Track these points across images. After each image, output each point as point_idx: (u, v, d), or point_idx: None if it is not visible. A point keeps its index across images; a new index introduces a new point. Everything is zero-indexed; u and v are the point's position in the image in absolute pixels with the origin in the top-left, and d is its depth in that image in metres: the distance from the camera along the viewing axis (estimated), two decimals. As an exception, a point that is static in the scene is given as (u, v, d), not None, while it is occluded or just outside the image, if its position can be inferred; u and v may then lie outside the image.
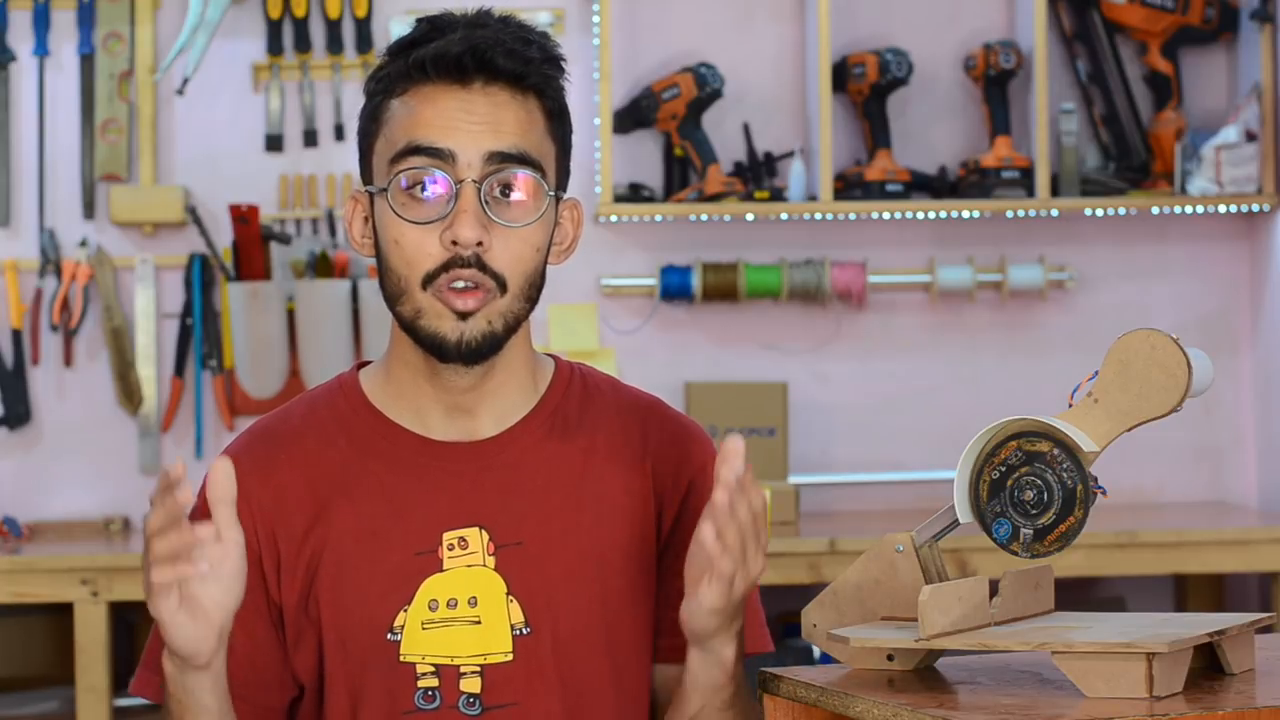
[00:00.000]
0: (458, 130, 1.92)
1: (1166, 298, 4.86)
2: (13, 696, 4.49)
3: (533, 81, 1.96)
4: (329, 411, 2.04)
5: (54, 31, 4.71)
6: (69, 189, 4.70)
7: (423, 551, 1.98)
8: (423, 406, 2.01)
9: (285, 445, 2.02)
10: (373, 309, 4.50)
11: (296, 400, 2.09)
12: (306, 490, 2.00)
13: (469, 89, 1.93)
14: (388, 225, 1.95)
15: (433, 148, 1.92)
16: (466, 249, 1.91)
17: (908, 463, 4.78)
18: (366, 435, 2.02)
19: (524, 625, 1.98)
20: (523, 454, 2.02)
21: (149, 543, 1.80)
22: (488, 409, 2.02)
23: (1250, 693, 1.76)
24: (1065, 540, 1.83)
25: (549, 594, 1.99)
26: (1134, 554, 4.26)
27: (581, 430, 2.04)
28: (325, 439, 2.02)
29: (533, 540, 1.99)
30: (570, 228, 2.05)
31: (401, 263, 1.94)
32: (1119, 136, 4.78)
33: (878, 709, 1.75)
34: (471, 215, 1.91)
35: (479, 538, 1.99)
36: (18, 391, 4.66)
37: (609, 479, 2.03)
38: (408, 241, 1.93)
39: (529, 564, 1.99)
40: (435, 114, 1.93)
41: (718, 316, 4.79)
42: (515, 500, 2.00)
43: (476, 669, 1.98)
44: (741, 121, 4.76)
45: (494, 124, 1.93)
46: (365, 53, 4.73)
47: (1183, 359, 1.82)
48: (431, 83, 1.94)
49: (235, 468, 1.98)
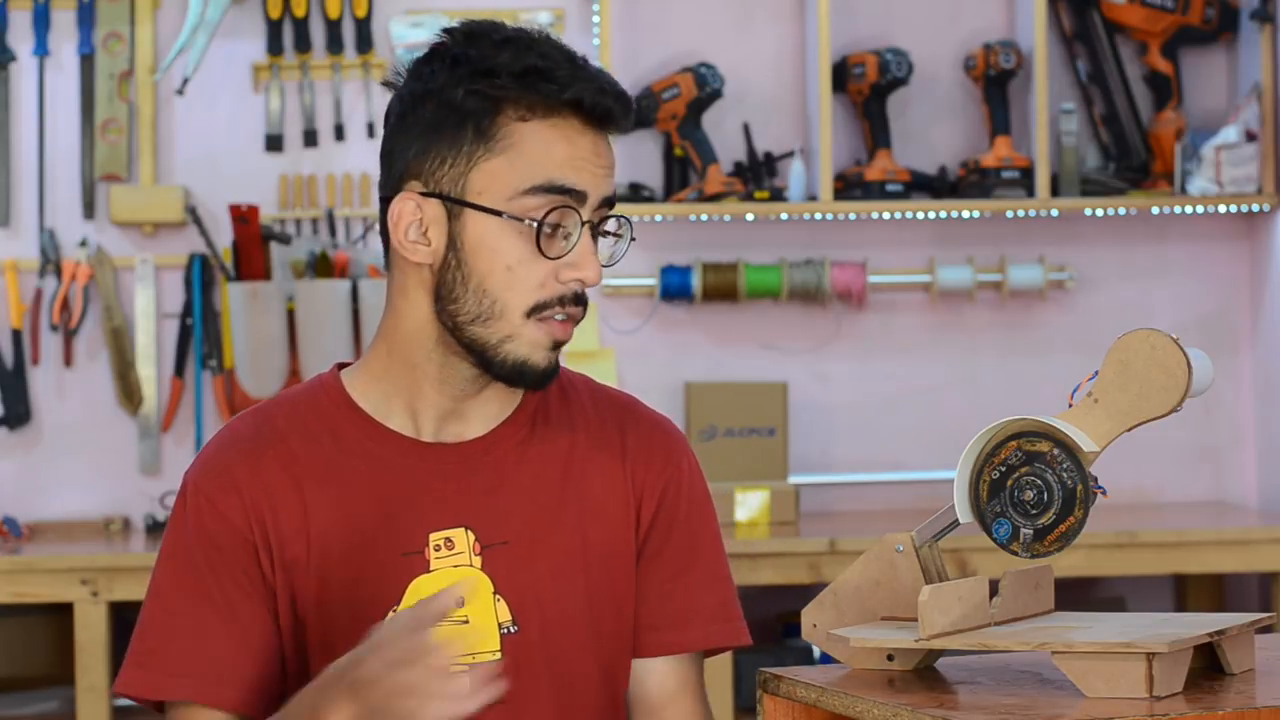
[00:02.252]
0: (589, 173, 1.96)
1: (1166, 298, 4.86)
2: (13, 696, 4.49)
3: (624, 131, 2.02)
4: (312, 412, 2.04)
5: (54, 31, 4.71)
6: (69, 189, 4.70)
7: (409, 552, 1.99)
8: (418, 409, 2.02)
9: (270, 442, 2.02)
10: (373, 309, 4.49)
11: (275, 400, 2.08)
12: (293, 488, 2.00)
13: (599, 135, 1.98)
14: (501, 250, 1.94)
15: (575, 190, 1.95)
16: (590, 287, 1.98)
17: (908, 463, 4.78)
18: (352, 435, 2.02)
19: (511, 624, 1.99)
20: (506, 454, 2.03)
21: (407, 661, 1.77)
22: (479, 413, 2.03)
23: (1250, 693, 1.76)
24: (1065, 540, 1.83)
25: (536, 592, 2.00)
26: (1134, 554, 4.26)
27: (562, 429, 2.07)
28: (310, 438, 2.02)
29: (518, 539, 2.01)
30: None
31: (506, 289, 1.95)
32: (1119, 136, 4.78)
33: (878, 709, 1.75)
34: (596, 258, 1.97)
35: (465, 538, 2.00)
36: (18, 391, 4.66)
37: (591, 476, 2.06)
38: (523, 271, 1.94)
39: (515, 562, 2.00)
40: (575, 154, 1.95)
41: (718, 316, 4.79)
42: (500, 500, 2.01)
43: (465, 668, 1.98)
44: (741, 121, 4.76)
45: (610, 169, 1.99)
46: (365, 53, 4.73)
47: (1183, 359, 1.82)
48: (573, 120, 1.96)
49: (221, 459, 2.00)
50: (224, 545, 1.99)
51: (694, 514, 2.09)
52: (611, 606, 2.04)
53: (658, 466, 2.08)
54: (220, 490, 1.99)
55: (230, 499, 1.99)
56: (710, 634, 2.08)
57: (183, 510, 2.02)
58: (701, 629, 2.08)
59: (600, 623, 2.03)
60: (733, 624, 2.10)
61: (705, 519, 2.11)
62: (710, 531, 2.11)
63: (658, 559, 2.06)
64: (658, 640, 2.06)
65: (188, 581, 2.01)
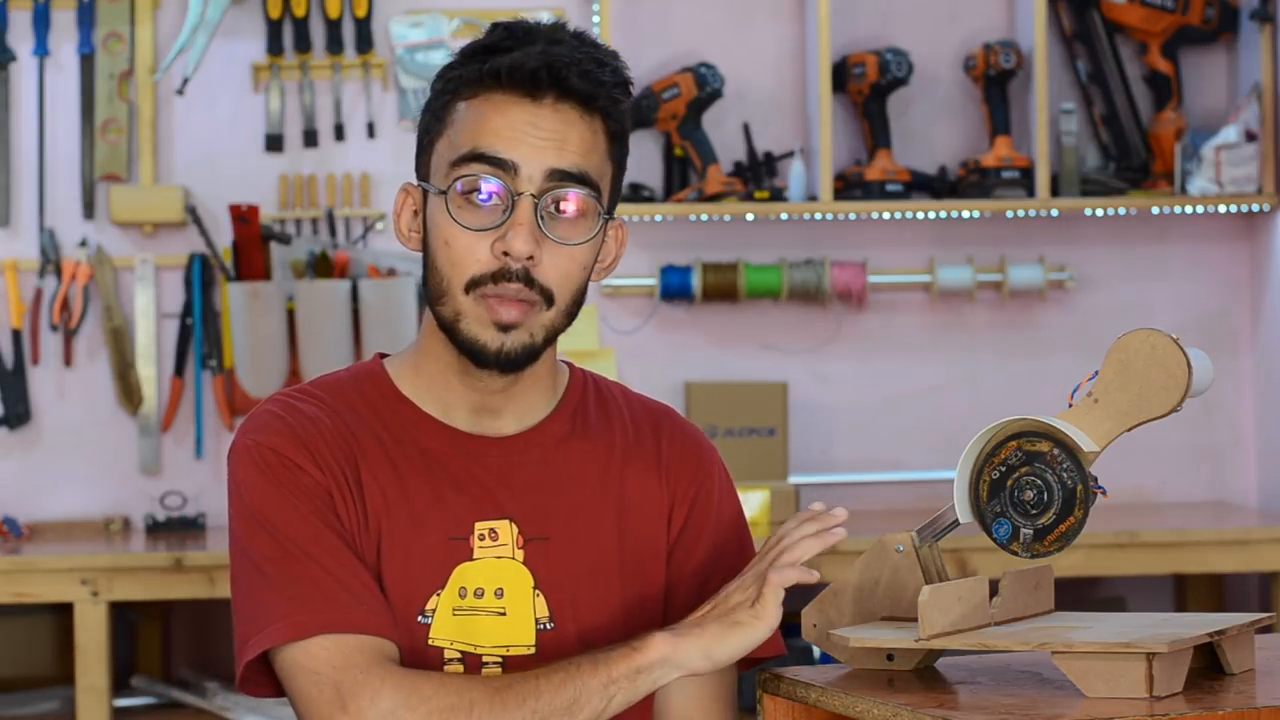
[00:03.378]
0: (523, 143, 1.94)
1: (1166, 298, 4.86)
2: (13, 696, 4.49)
3: (601, 104, 1.98)
4: (357, 395, 2.04)
5: (54, 31, 4.71)
6: (69, 189, 4.70)
7: (456, 537, 1.99)
8: (450, 402, 2.03)
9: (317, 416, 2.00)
10: (373, 309, 4.50)
11: (310, 383, 2.06)
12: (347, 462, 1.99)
13: (539, 104, 1.95)
14: (440, 225, 1.96)
15: (496, 157, 1.94)
16: (517, 262, 1.93)
17: (908, 463, 4.78)
18: (397, 420, 2.03)
19: (548, 620, 2.00)
20: (547, 451, 2.04)
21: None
22: (512, 410, 2.04)
23: (1250, 693, 1.76)
24: (1065, 540, 1.83)
25: (573, 589, 2.01)
26: (1134, 554, 4.26)
27: (601, 431, 2.07)
28: (356, 417, 2.02)
29: (559, 536, 2.01)
30: (614, 247, 2.07)
31: (448, 264, 1.95)
32: (1119, 136, 4.78)
33: (878, 709, 1.75)
34: (526, 229, 1.93)
35: (509, 530, 2.00)
36: (18, 391, 4.66)
37: (629, 479, 2.06)
38: (458, 245, 1.94)
39: (555, 559, 2.01)
40: (503, 124, 1.94)
41: (718, 316, 4.79)
42: (542, 496, 2.02)
43: (499, 659, 1.99)
44: (741, 121, 4.76)
45: (559, 141, 1.95)
46: (365, 53, 4.73)
47: (1183, 359, 1.82)
48: (503, 92, 1.95)
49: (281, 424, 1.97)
50: (313, 493, 1.96)
51: (722, 525, 2.10)
52: (645, 608, 2.05)
53: (689, 477, 2.09)
54: (292, 448, 1.96)
55: (303, 456, 1.96)
56: None
57: (261, 468, 1.96)
58: None
59: (633, 625, 2.03)
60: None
61: (734, 530, 2.11)
62: (740, 542, 2.11)
63: (684, 566, 2.07)
64: None
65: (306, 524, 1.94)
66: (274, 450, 1.97)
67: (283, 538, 1.93)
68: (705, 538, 2.08)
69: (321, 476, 1.96)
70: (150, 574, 4.12)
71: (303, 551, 1.92)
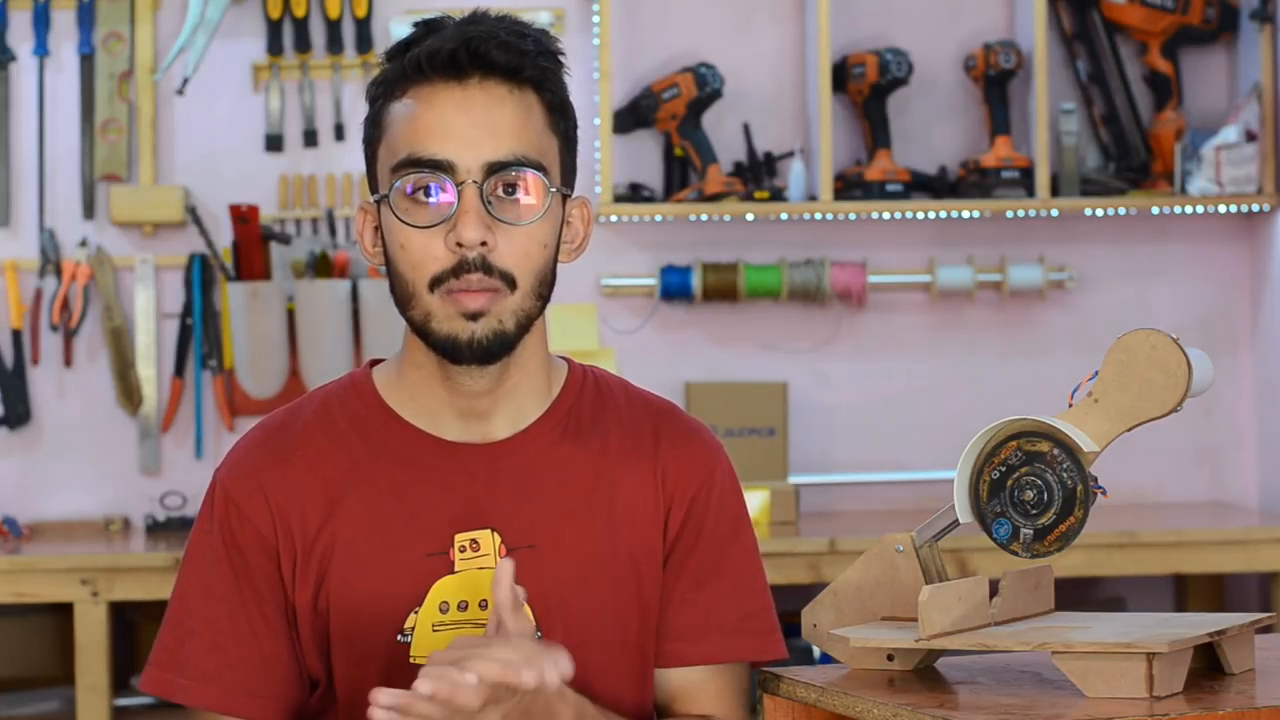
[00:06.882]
0: (454, 138, 1.92)
1: (1166, 298, 4.86)
2: (13, 696, 4.49)
3: (529, 74, 1.95)
4: (342, 409, 2.04)
5: (54, 31, 4.71)
6: (69, 189, 4.70)
7: (434, 553, 1.97)
8: (436, 410, 2.01)
9: (299, 442, 2.02)
10: (373, 309, 4.50)
11: (307, 397, 2.08)
12: (320, 487, 1.99)
13: (465, 85, 1.93)
14: (393, 231, 1.94)
15: (431, 159, 1.92)
16: (471, 250, 1.91)
17: (908, 463, 4.78)
18: (379, 434, 2.01)
19: (536, 630, 1.96)
20: (535, 456, 2.01)
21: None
22: (502, 412, 2.01)
23: (1250, 693, 1.76)
24: (1065, 540, 1.83)
25: (561, 597, 1.98)
26: (1134, 554, 4.26)
27: (594, 433, 2.04)
28: (337, 436, 2.02)
29: (545, 543, 1.99)
30: (580, 226, 2.04)
31: (408, 267, 1.94)
32: (1119, 136, 4.78)
33: (878, 709, 1.75)
34: (474, 216, 1.91)
35: (491, 540, 1.98)
36: (18, 391, 4.66)
37: (621, 482, 2.03)
38: (413, 246, 1.93)
39: (541, 567, 1.98)
40: (434, 119, 1.92)
41: (718, 316, 4.79)
42: (528, 503, 1.99)
43: None
44: (741, 121, 4.76)
45: (491, 127, 1.92)
46: (365, 53, 4.73)
47: (1183, 359, 1.82)
48: (428, 81, 1.93)
49: (249, 461, 1.99)
50: (249, 552, 1.99)
51: (723, 523, 2.06)
52: (637, 614, 2.02)
53: (689, 474, 2.05)
54: (247, 495, 1.99)
55: (257, 505, 1.99)
56: (729, 647, 2.04)
57: (210, 514, 2.02)
58: (720, 642, 2.04)
59: (627, 631, 2.01)
60: (759, 637, 2.06)
61: (736, 529, 2.07)
62: (741, 542, 2.07)
63: (682, 568, 2.03)
64: (674, 651, 2.04)
65: (215, 586, 2.00)
66: (226, 493, 2.00)
67: (185, 588, 2.02)
68: (705, 537, 2.04)
69: (269, 529, 1.99)
70: (150, 574, 4.12)
71: (186, 610, 2.01)
